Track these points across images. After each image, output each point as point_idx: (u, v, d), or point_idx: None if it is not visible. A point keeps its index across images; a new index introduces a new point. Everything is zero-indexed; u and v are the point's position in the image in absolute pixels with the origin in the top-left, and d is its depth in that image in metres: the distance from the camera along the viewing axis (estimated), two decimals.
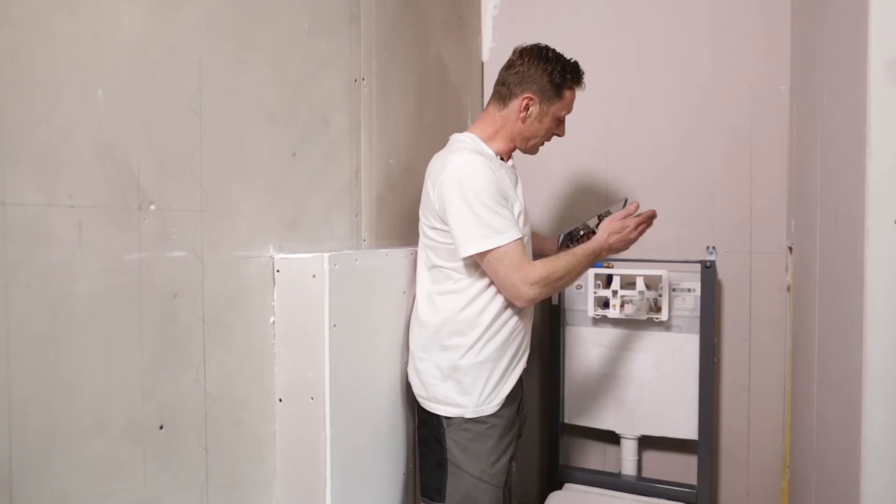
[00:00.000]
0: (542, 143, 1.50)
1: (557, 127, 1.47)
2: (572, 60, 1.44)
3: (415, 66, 1.69)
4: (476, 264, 1.33)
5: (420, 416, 1.44)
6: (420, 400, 1.42)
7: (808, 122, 1.46)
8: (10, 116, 0.75)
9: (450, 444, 1.37)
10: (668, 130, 1.95)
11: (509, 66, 1.43)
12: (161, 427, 0.95)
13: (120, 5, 0.88)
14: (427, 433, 1.42)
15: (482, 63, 2.17)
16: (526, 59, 1.40)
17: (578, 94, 2.07)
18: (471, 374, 1.35)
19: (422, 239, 1.42)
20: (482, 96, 2.17)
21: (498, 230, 1.26)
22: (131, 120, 0.89)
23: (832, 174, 1.16)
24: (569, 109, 1.46)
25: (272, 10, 1.16)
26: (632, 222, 1.41)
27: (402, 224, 1.61)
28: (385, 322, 1.38)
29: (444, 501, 1.38)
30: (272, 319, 1.18)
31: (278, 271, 1.17)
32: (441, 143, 1.87)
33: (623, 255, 1.98)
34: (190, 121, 0.99)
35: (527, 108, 1.40)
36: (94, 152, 0.84)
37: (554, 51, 1.43)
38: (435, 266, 1.38)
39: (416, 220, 1.69)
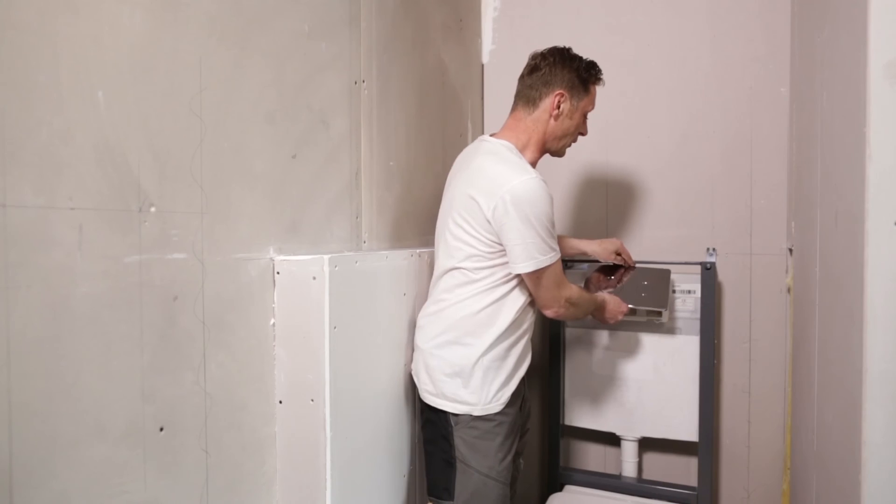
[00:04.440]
0: (570, 144, 1.54)
1: (583, 124, 1.53)
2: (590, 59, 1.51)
3: (415, 69, 1.69)
4: (503, 270, 1.37)
5: (426, 414, 1.44)
6: (428, 397, 1.42)
7: (807, 123, 1.46)
8: (11, 118, 0.75)
9: (458, 441, 1.38)
10: (668, 132, 1.95)
11: (533, 69, 1.47)
12: (161, 429, 0.95)
13: (120, 8, 0.88)
14: (434, 432, 1.42)
15: (482, 65, 2.17)
16: (550, 60, 1.46)
17: None
18: (480, 373, 1.37)
19: (448, 239, 1.41)
20: (482, 98, 2.17)
21: (551, 248, 1.35)
22: (132, 122, 0.89)
23: (832, 176, 1.16)
24: (593, 105, 1.52)
25: (272, 13, 1.16)
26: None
27: (402, 226, 1.62)
28: (385, 324, 1.38)
29: (452, 500, 1.38)
30: (272, 321, 1.18)
31: (278, 273, 1.17)
32: (441, 144, 1.87)
33: None
34: (190, 123, 0.99)
35: (559, 105, 1.44)
36: (95, 154, 0.85)
37: (573, 50, 1.49)
38: (458, 268, 1.39)
39: (416, 221, 1.69)
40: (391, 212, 1.56)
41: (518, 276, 1.38)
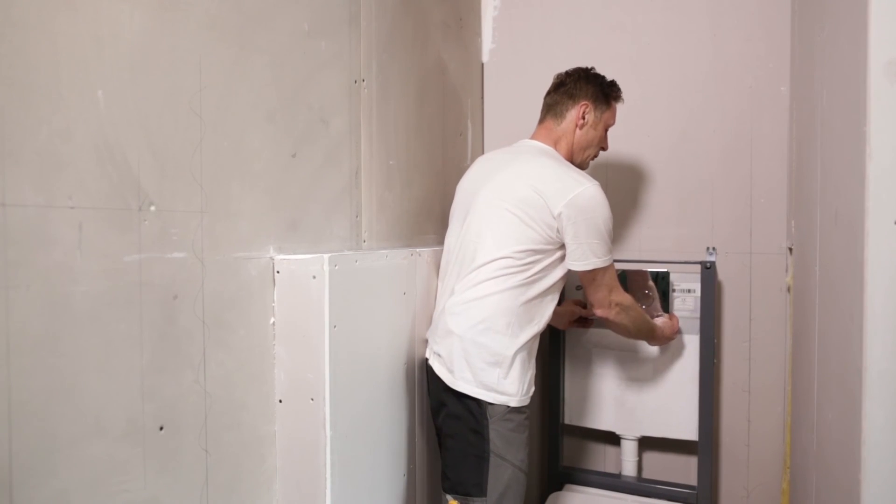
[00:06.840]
0: (593, 157, 1.63)
1: (605, 138, 1.62)
2: None
3: (415, 68, 1.69)
4: (553, 266, 1.44)
5: (449, 408, 1.42)
6: (463, 385, 1.39)
7: (807, 122, 1.46)
8: (11, 117, 0.75)
9: (493, 435, 1.37)
10: (667, 131, 1.95)
11: (559, 85, 1.59)
12: (161, 428, 0.95)
13: (120, 7, 0.88)
14: (459, 427, 1.41)
15: (482, 64, 2.17)
16: (574, 77, 1.58)
17: None
18: (519, 363, 1.40)
19: (500, 228, 1.42)
20: (482, 97, 2.17)
21: (607, 252, 1.45)
22: (131, 121, 0.89)
23: (832, 175, 1.16)
24: (615, 120, 1.62)
25: (272, 11, 1.16)
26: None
27: (402, 225, 1.62)
28: (385, 323, 1.38)
29: (485, 496, 1.37)
30: (272, 320, 1.18)
31: (278, 272, 1.17)
32: (441, 143, 1.87)
33: (623, 255, 2.00)
34: (190, 122, 0.99)
35: (583, 115, 1.55)
36: (95, 153, 0.85)
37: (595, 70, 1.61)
38: (509, 257, 1.40)
39: (416, 220, 1.69)
40: (391, 211, 1.56)
41: (557, 278, 1.45)
